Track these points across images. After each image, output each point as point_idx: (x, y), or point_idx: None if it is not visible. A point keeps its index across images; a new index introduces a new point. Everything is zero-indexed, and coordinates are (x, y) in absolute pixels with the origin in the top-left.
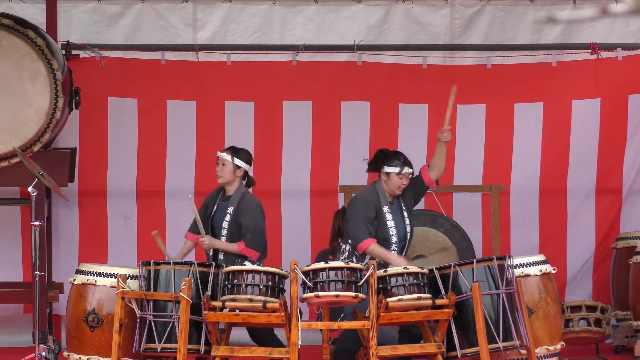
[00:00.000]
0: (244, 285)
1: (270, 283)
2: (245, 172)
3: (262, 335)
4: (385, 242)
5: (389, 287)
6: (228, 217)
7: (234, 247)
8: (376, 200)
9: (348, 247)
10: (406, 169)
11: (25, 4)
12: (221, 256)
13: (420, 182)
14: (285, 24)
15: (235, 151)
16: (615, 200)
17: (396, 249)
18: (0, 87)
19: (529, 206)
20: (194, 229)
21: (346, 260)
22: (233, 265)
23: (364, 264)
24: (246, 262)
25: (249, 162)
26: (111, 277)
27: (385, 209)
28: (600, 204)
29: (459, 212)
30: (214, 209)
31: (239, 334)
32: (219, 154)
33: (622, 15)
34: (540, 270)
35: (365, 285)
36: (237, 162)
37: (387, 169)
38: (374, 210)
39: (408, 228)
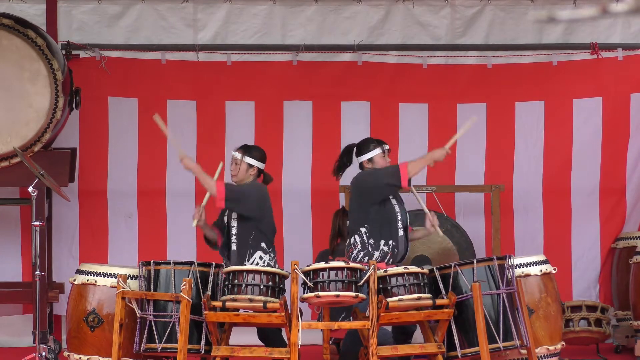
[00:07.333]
0: (244, 285)
1: (270, 283)
2: (259, 170)
3: (270, 336)
4: (392, 223)
5: (389, 287)
6: (234, 215)
7: (210, 181)
8: None
9: (358, 238)
10: (385, 146)
11: (25, 4)
12: (234, 247)
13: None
14: (285, 24)
15: (247, 150)
16: (620, 200)
17: (402, 233)
18: (1, 87)
19: (532, 206)
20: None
21: (347, 260)
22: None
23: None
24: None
25: (262, 160)
26: (111, 277)
27: None
28: (605, 204)
29: (460, 212)
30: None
31: (243, 334)
32: (232, 152)
33: (623, 15)
34: (541, 270)
35: (366, 285)
36: (249, 160)
37: (368, 155)
38: None
39: (407, 215)
